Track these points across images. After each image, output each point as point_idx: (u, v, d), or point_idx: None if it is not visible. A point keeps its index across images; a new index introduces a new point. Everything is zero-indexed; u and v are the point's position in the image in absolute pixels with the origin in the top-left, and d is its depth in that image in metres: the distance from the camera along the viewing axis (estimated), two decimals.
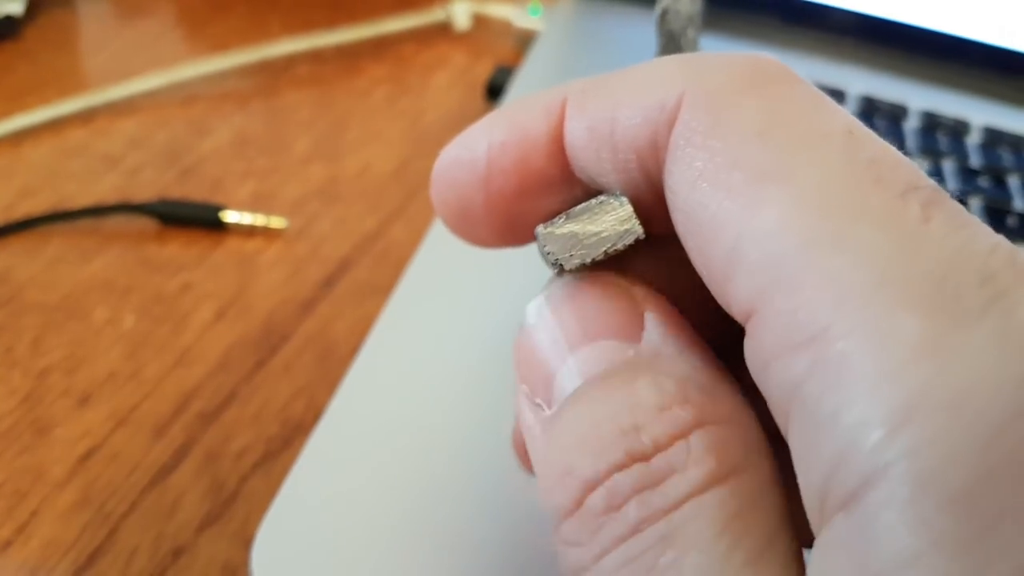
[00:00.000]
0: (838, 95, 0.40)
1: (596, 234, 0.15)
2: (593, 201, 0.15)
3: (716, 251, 0.13)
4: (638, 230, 0.15)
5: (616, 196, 0.15)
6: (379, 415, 0.27)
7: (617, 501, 0.13)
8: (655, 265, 0.17)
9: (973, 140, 0.39)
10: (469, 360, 0.28)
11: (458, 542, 0.24)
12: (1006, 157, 0.39)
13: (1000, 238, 0.12)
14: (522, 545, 0.24)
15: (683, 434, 0.13)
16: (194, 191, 0.36)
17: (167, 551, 0.25)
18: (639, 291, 0.15)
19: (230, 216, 0.35)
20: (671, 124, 0.14)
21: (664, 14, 0.20)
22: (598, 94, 0.16)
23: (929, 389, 0.10)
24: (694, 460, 0.12)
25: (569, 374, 0.14)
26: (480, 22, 0.48)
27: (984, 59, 0.42)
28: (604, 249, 0.15)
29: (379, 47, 0.46)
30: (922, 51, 0.42)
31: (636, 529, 0.12)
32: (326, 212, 0.36)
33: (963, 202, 0.36)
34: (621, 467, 0.13)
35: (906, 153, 0.39)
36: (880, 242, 0.11)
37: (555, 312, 0.15)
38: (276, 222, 0.35)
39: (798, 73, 0.14)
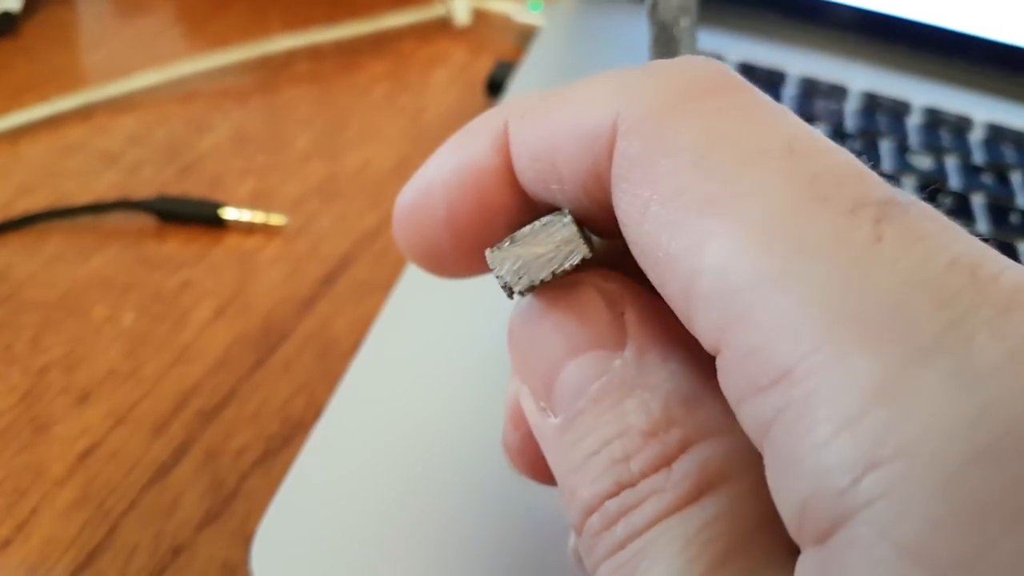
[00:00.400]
0: (840, 91, 0.40)
1: (541, 255, 0.15)
2: (538, 223, 0.15)
3: (673, 287, 0.13)
4: (583, 250, 0.15)
5: (562, 215, 0.15)
6: (379, 413, 0.26)
7: (608, 523, 0.14)
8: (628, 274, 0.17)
9: (976, 137, 0.39)
10: (469, 358, 0.28)
11: (458, 540, 0.24)
12: (1009, 154, 0.38)
13: (961, 245, 0.11)
14: (523, 544, 0.24)
15: (667, 462, 0.14)
16: (193, 188, 0.36)
17: (167, 549, 0.25)
18: (614, 288, 0.15)
19: (230, 213, 0.34)
20: (610, 152, 0.14)
21: (655, 4, 0.19)
22: (535, 121, 0.15)
23: (886, 435, 0.10)
24: (672, 484, 0.13)
25: (564, 387, 0.15)
26: (480, 18, 0.48)
27: (987, 55, 0.42)
28: (552, 270, 0.15)
29: (379, 43, 0.46)
30: (925, 47, 0.42)
31: (621, 545, 0.14)
32: (326, 209, 0.36)
33: (965, 199, 0.36)
34: (612, 495, 0.14)
35: (909, 150, 0.38)
36: (828, 273, 0.11)
37: (540, 320, 0.16)
38: (276, 219, 0.35)
39: (803, 68, 0.14)
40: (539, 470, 0.19)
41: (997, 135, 0.39)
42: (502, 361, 0.25)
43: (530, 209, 0.16)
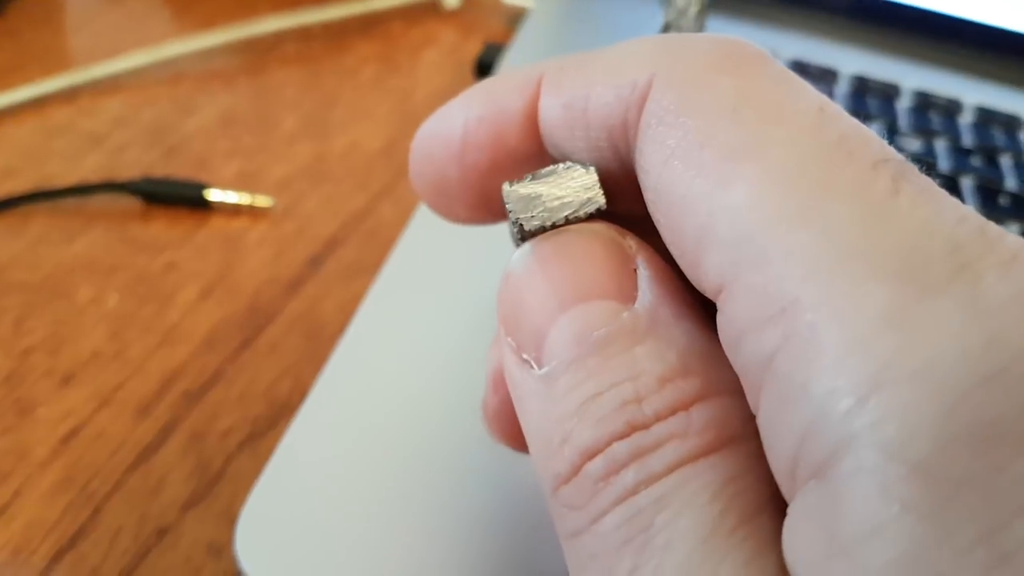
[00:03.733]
0: (831, 74, 0.40)
1: (559, 198, 0.15)
2: (561, 166, 0.16)
3: (688, 229, 0.13)
4: (600, 200, 0.15)
5: (584, 165, 0.15)
6: (365, 395, 0.26)
7: (615, 467, 0.13)
8: None
9: (966, 120, 0.39)
10: (456, 339, 0.28)
11: (444, 521, 0.24)
12: (998, 137, 0.38)
13: (968, 210, 0.12)
14: (509, 523, 0.24)
15: (685, 406, 0.13)
16: (179, 170, 0.36)
17: (151, 531, 0.25)
18: (631, 243, 0.15)
19: (215, 195, 0.34)
20: (641, 103, 0.14)
21: (667, 29, 0.20)
22: (573, 73, 0.16)
23: (896, 359, 0.10)
24: (694, 430, 0.13)
25: (561, 334, 0.14)
26: (470, 0, 0.48)
27: (977, 39, 0.41)
28: (565, 215, 0.15)
29: (367, 25, 0.46)
30: (915, 30, 0.42)
31: (633, 491, 0.12)
32: (313, 191, 0.36)
33: (955, 181, 0.36)
34: (621, 436, 0.13)
35: (899, 132, 0.38)
36: (849, 215, 0.11)
37: (544, 264, 0.15)
38: (262, 201, 0.35)
39: (793, 50, 0.15)
40: (515, 436, 0.19)
41: (986, 118, 0.39)
42: (489, 342, 0.25)
43: (539, 162, 0.16)
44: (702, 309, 0.14)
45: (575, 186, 0.15)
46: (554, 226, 0.15)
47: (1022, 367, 0.10)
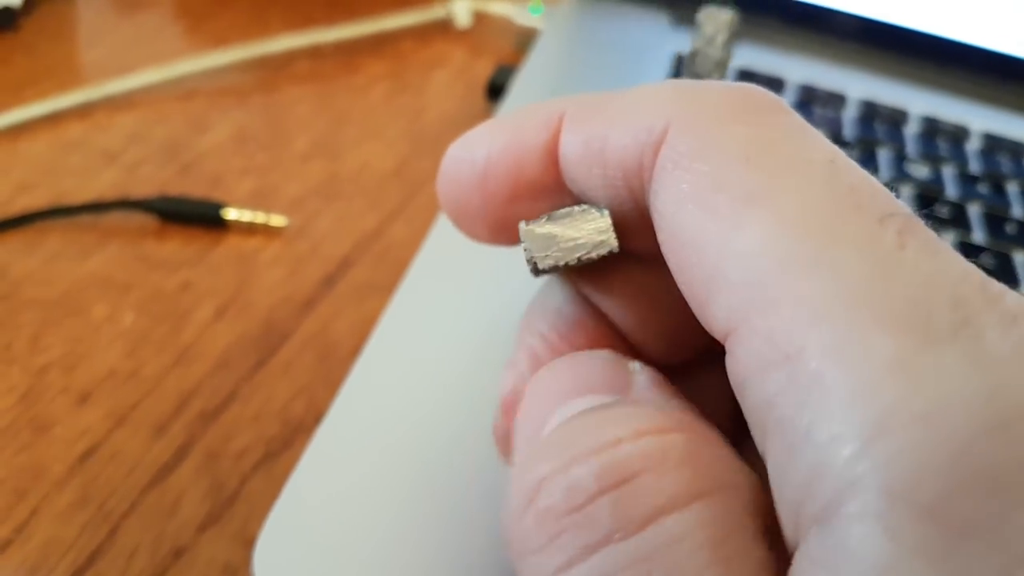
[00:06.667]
0: (839, 99, 0.40)
1: (573, 239, 0.16)
2: (576, 208, 0.16)
3: (698, 271, 0.13)
4: (613, 243, 0.16)
5: (599, 208, 0.16)
6: (381, 416, 0.26)
7: (581, 500, 0.13)
8: (636, 286, 0.17)
9: (973, 146, 0.40)
10: (472, 360, 0.28)
11: (461, 543, 0.24)
12: (1005, 163, 0.39)
13: (971, 266, 0.12)
14: None
15: (663, 459, 0.13)
16: (193, 187, 0.36)
17: (167, 551, 0.25)
18: (634, 364, 0.16)
19: (230, 214, 0.34)
20: (657, 147, 0.15)
21: (694, 55, 0.21)
22: (594, 112, 0.16)
23: (901, 405, 0.10)
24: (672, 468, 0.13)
25: (559, 417, 0.15)
26: (480, 20, 0.48)
27: (985, 64, 0.42)
28: (579, 256, 0.16)
29: (379, 44, 0.46)
30: (923, 56, 0.43)
31: (608, 539, 0.12)
32: (326, 210, 0.36)
33: (962, 208, 0.36)
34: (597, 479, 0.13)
35: (907, 158, 0.39)
36: (856, 265, 0.12)
37: (547, 372, 0.16)
38: (276, 220, 0.35)
39: (802, 75, 0.15)
40: None
41: (994, 145, 0.40)
42: (503, 362, 0.25)
43: (557, 194, 0.17)
44: (703, 415, 0.15)
45: (589, 228, 0.16)
46: (567, 266, 0.16)
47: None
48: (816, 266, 0.12)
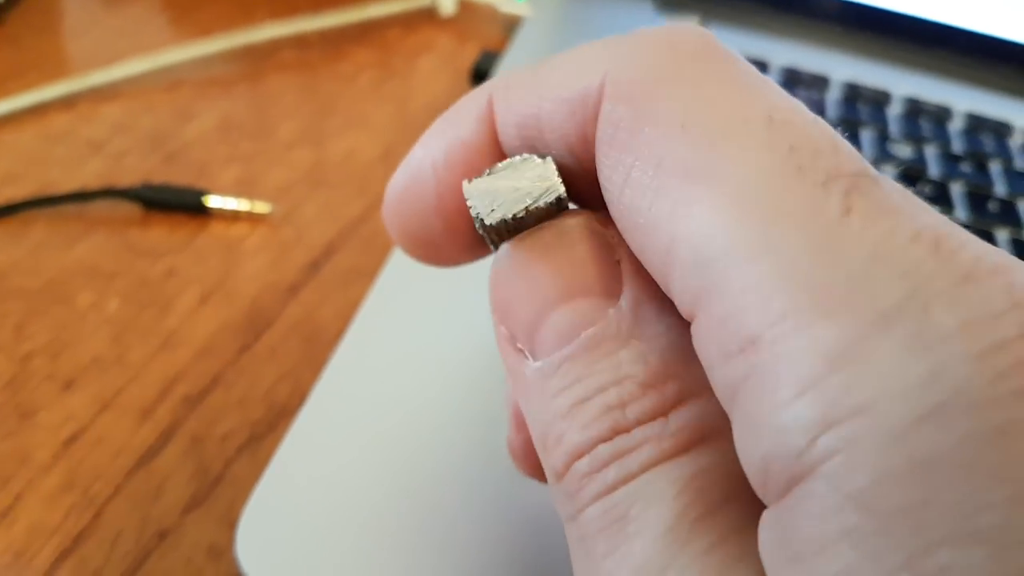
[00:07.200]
0: (822, 81, 0.41)
1: (516, 189, 0.15)
2: (517, 158, 0.15)
3: (653, 253, 0.13)
4: (559, 188, 0.15)
5: (541, 156, 0.15)
6: (363, 399, 0.27)
7: (599, 466, 0.14)
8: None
9: (956, 126, 0.40)
10: (454, 344, 0.28)
11: (441, 525, 0.24)
12: (988, 143, 0.39)
13: (926, 218, 0.12)
14: (506, 528, 0.24)
15: (664, 412, 0.14)
16: (179, 176, 0.36)
17: (152, 534, 0.25)
18: (611, 235, 0.15)
19: (214, 201, 0.34)
20: (596, 115, 0.14)
21: None
22: (521, 89, 0.16)
23: (842, 398, 0.11)
24: (669, 433, 0.14)
25: (552, 331, 0.15)
26: (466, 7, 0.48)
27: (967, 46, 0.42)
28: (525, 206, 0.15)
29: (364, 32, 0.46)
30: (906, 38, 0.43)
31: (612, 488, 0.14)
32: (311, 197, 0.36)
33: (945, 187, 0.36)
34: (605, 439, 0.14)
35: (890, 139, 0.39)
36: (797, 246, 0.12)
37: (533, 260, 0.15)
38: (260, 207, 0.35)
39: (785, 58, 0.15)
40: (542, 472, 0.19)
41: (977, 124, 0.40)
42: (487, 347, 0.25)
43: None
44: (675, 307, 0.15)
45: (532, 176, 0.15)
46: (515, 217, 0.15)
47: (960, 400, 0.10)
48: (760, 248, 0.12)
